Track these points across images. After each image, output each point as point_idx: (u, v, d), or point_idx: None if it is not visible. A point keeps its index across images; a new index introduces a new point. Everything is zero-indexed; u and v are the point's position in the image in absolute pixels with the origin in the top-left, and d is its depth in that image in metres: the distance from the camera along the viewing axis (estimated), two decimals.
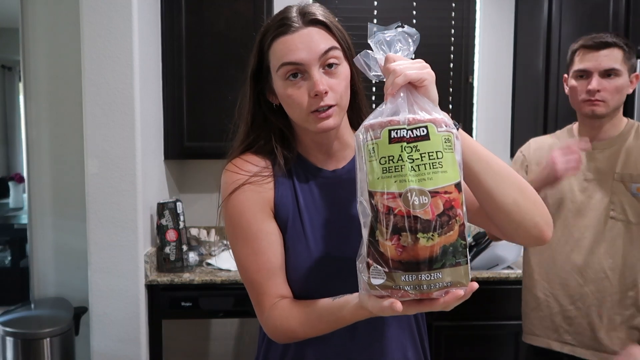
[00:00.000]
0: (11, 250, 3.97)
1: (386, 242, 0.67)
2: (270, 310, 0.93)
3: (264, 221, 0.95)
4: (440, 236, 0.66)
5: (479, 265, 2.33)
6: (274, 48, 0.91)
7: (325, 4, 2.68)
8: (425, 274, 0.66)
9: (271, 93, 0.97)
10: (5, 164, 5.61)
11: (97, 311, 2.03)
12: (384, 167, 0.68)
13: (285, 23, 0.90)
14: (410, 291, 0.67)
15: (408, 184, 0.66)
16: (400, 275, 0.67)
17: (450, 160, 0.69)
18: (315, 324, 0.88)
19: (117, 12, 1.95)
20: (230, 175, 0.96)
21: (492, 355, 2.21)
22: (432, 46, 2.76)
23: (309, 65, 0.88)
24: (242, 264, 0.96)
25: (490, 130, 2.79)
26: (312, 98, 0.88)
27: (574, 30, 2.42)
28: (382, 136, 0.68)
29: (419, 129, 0.68)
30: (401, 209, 0.66)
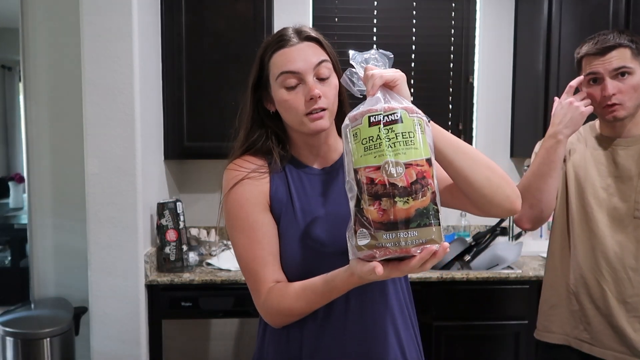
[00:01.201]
0: (11, 250, 3.97)
1: (369, 207, 0.80)
2: (267, 294, 1.02)
3: (260, 213, 1.06)
4: (415, 200, 0.79)
5: (479, 265, 2.33)
6: (274, 60, 1.05)
7: (325, 4, 2.69)
8: (403, 232, 0.78)
9: (268, 101, 1.10)
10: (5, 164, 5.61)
11: (97, 311, 2.03)
12: (365, 146, 0.81)
13: (283, 39, 1.04)
14: (390, 247, 0.79)
15: (385, 157, 0.80)
16: (382, 234, 0.79)
17: (421, 140, 0.83)
18: (310, 297, 0.99)
19: (117, 12, 1.95)
20: (230, 173, 1.08)
21: (492, 355, 2.21)
22: (432, 46, 2.76)
23: (305, 74, 1.02)
24: (240, 252, 1.06)
25: (490, 130, 2.79)
26: (307, 102, 1.02)
27: (574, 30, 2.42)
28: (363, 122, 0.83)
29: (394, 114, 0.82)
30: (381, 178, 0.79)
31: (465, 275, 2.16)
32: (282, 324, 1.06)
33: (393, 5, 2.73)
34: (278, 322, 1.06)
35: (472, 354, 2.20)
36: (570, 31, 2.42)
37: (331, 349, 1.05)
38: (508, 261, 2.29)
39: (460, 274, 2.17)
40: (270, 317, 1.05)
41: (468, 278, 2.16)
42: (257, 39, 2.29)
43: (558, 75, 2.43)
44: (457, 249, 2.34)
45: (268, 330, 1.12)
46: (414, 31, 2.75)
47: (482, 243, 2.34)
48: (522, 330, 2.20)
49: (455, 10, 2.75)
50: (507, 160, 2.81)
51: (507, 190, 1.00)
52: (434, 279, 2.15)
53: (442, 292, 2.17)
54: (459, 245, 2.36)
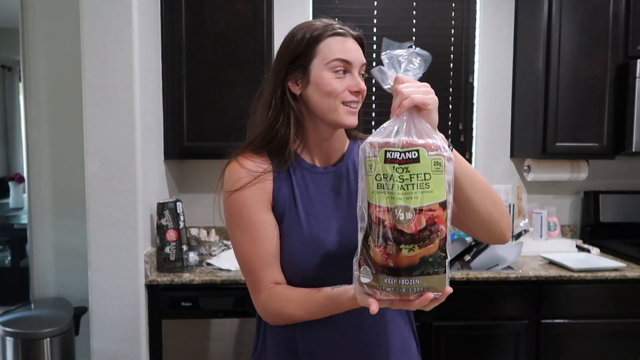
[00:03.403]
0: (11, 250, 3.97)
1: (375, 248, 0.77)
2: (268, 294, 1.03)
3: (262, 213, 1.06)
4: (421, 248, 0.76)
5: (479, 265, 2.33)
6: (329, 43, 1.04)
7: (325, 4, 2.69)
8: (404, 279, 0.77)
9: (296, 83, 1.06)
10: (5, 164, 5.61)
11: (97, 311, 2.03)
12: (379, 183, 0.78)
13: (342, 29, 1.05)
14: (390, 292, 0.78)
15: (396, 202, 0.76)
16: (384, 278, 0.78)
17: (437, 181, 0.78)
18: (313, 309, 1.00)
19: (117, 12, 1.95)
20: (236, 172, 1.06)
21: (492, 355, 2.21)
22: (432, 46, 2.76)
23: (355, 67, 1.04)
24: (241, 251, 1.06)
25: (490, 130, 2.79)
26: (350, 92, 1.03)
27: (574, 30, 2.42)
28: (379, 155, 0.78)
29: (411, 152, 0.77)
30: (389, 221, 0.76)
31: (465, 275, 2.16)
32: (280, 324, 1.07)
33: (393, 6, 2.73)
34: (276, 323, 1.07)
35: (472, 354, 2.20)
36: (570, 31, 2.42)
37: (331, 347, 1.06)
38: (508, 261, 2.29)
39: (460, 274, 2.17)
40: (269, 318, 1.06)
41: (468, 278, 2.16)
42: (257, 39, 2.29)
43: (558, 75, 2.43)
44: (457, 249, 2.34)
45: (268, 328, 1.12)
46: (414, 31, 2.75)
47: (482, 243, 2.34)
48: (522, 330, 2.20)
49: (455, 10, 2.75)
50: (507, 160, 2.81)
51: (502, 224, 1.02)
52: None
53: None
54: (459, 245, 2.36)
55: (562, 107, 2.44)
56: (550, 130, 2.45)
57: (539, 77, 2.48)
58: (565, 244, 2.62)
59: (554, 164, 2.66)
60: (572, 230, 2.84)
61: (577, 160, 2.66)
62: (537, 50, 2.49)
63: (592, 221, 2.72)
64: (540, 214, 2.66)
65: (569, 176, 2.68)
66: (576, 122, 2.45)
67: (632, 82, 2.37)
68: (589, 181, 2.79)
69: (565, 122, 2.45)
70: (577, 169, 2.66)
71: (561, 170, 2.67)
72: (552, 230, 2.69)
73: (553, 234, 2.69)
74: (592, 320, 2.22)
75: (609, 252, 2.53)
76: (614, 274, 2.20)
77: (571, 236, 2.83)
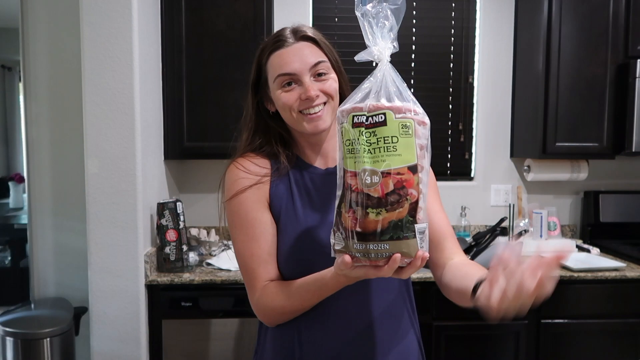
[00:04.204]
0: (11, 250, 3.97)
1: (345, 213, 0.78)
2: (261, 292, 1.04)
3: (259, 210, 1.06)
4: (389, 212, 0.74)
5: None
6: (271, 61, 1.05)
7: (325, 4, 2.69)
8: (373, 244, 0.75)
9: (268, 101, 1.10)
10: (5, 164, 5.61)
11: (97, 311, 2.03)
12: (348, 148, 0.78)
13: (280, 39, 1.04)
14: (360, 257, 0.77)
15: (363, 165, 0.76)
16: (353, 243, 0.77)
17: (406, 145, 0.76)
18: (303, 295, 0.99)
19: (117, 12, 1.95)
20: (237, 173, 1.08)
21: (492, 355, 2.21)
22: (432, 46, 2.76)
23: (301, 74, 1.02)
24: (238, 249, 1.07)
25: (490, 130, 2.79)
26: (302, 101, 1.02)
27: (574, 30, 2.42)
28: (348, 121, 0.78)
29: (378, 116, 0.76)
30: (357, 186, 0.76)
31: None
32: (276, 322, 1.07)
33: None
34: (271, 320, 1.07)
35: (472, 354, 2.20)
36: (570, 31, 2.42)
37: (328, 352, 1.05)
38: None
39: None
40: (264, 315, 1.06)
41: None
42: (257, 39, 2.29)
43: (558, 75, 2.43)
44: None
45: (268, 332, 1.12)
46: (414, 31, 2.75)
47: (482, 243, 2.34)
48: (522, 330, 2.20)
49: (455, 10, 2.75)
50: (507, 160, 2.81)
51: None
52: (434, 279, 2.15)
53: None
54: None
55: (562, 107, 2.44)
56: (550, 130, 2.45)
57: (539, 77, 2.48)
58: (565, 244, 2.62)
59: (554, 164, 2.66)
60: (572, 230, 2.84)
61: (577, 160, 2.66)
62: (537, 50, 2.49)
63: (592, 221, 2.72)
64: (540, 214, 2.66)
65: (569, 176, 2.68)
66: (576, 122, 2.45)
67: (632, 82, 2.37)
68: (589, 181, 2.79)
69: (565, 122, 2.45)
70: (577, 169, 2.66)
71: (561, 170, 2.67)
72: (552, 230, 2.69)
73: (553, 234, 2.69)
74: (592, 320, 2.22)
75: (609, 252, 2.53)
76: (614, 274, 2.20)
77: (571, 236, 2.83)
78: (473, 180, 2.82)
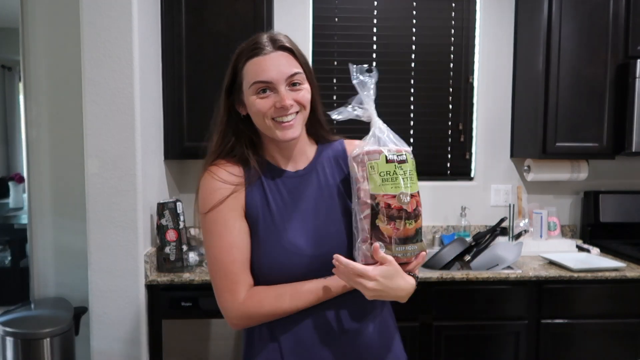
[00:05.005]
0: (11, 250, 3.97)
1: (386, 226, 1.01)
2: (248, 295, 1.07)
3: (237, 219, 1.09)
4: (415, 222, 1.04)
5: (479, 265, 2.33)
6: (248, 67, 1.08)
7: (325, 4, 2.69)
8: (409, 246, 1.04)
9: (240, 105, 1.13)
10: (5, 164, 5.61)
11: (97, 311, 2.03)
12: (383, 178, 1.03)
13: (258, 47, 1.07)
14: (400, 256, 1.03)
15: (401, 189, 1.02)
16: (395, 246, 1.02)
17: (416, 176, 1.07)
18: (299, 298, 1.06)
19: (117, 12, 1.95)
20: (214, 183, 1.10)
21: (492, 355, 2.21)
22: (432, 46, 2.76)
23: (277, 83, 1.06)
24: (216, 255, 1.09)
25: (490, 130, 2.79)
26: (276, 109, 1.06)
27: (574, 30, 2.42)
28: (381, 158, 1.03)
29: (402, 155, 1.05)
30: (396, 204, 1.02)
31: (465, 275, 2.16)
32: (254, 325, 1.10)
33: (393, 5, 2.73)
34: (252, 323, 1.10)
35: (472, 354, 2.20)
36: (570, 31, 2.42)
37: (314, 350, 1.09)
38: (508, 261, 2.29)
39: (460, 274, 2.17)
40: (248, 318, 1.08)
41: (468, 278, 2.16)
42: None
43: (558, 75, 2.43)
44: (457, 249, 2.34)
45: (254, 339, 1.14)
46: (414, 31, 2.75)
47: (482, 243, 2.34)
48: (522, 330, 2.20)
49: (455, 10, 2.75)
50: (507, 160, 2.81)
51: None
52: (434, 279, 2.15)
53: (442, 292, 2.17)
54: (459, 245, 2.36)
55: (562, 107, 2.44)
56: (550, 130, 2.45)
57: (539, 77, 2.48)
58: (565, 244, 2.62)
59: (554, 164, 2.66)
60: (572, 230, 2.84)
61: (577, 160, 2.66)
62: (537, 50, 2.49)
63: (592, 221, 2.72)
64: (540, 214, 2.66)
65: (569, 176, 2.68)
66: (576, 122, 2.45)
67: (632, 82, 2.37)
68: (589, 181, 2.79)
69: (565, 122, 2.45)
70: (577, 169, 2.66)
71: (561, 170, 2.67)
72: (552, 230, 2.69)
73: (553, 234, 2.69)
74: (592, 320, 2.22)
75: (609, 252, 2.53)
76: (614, 274, 2.20)
77: (571, 236, 2.83)
78: (473, 180, 2.82)
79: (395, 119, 2.77)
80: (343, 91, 2.71)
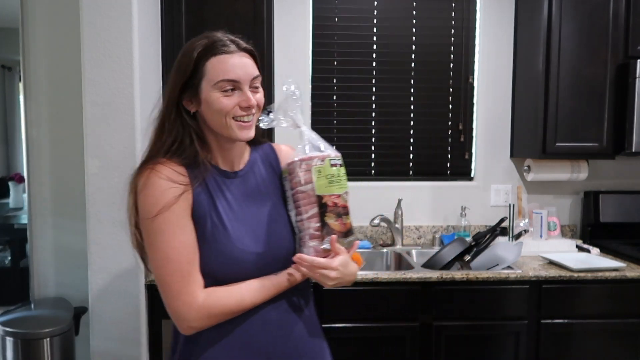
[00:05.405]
0: (11, 250, 3.97)
1: (335, 222, 1.13)
2: (206, 294, 1.08)
3: (188, 218, 1.09)
4: (349, 217, 1.17)
5: (479, 265, 2.33)
6: (213, 64, 1.08)
7: (325, 4, 2.69)
8: (351, 237, 1.18)
9: (190, 101, 1.11)
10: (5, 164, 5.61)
11: (97, 311, 2.03)
12: (330, 180, 1.13)
13: (224, 44, 1.09)
14: (346, 247, 1.17)
15: (345, 189, 1.16)
16: (343, 239, 1.16)
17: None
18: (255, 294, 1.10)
19: (117, 12, 1.95)
20: (162, 183, 1.06)
21: (492, 355, 2.21)
22: (432, 46, 2.76)
23: (243, 83, 1.09)
24: (172, 256, 1.06)
25: (490, 130, 2.79)
26: (241, 108, 1.09)
27: (574, 30, 2.42)
28: (326, 163, 1.14)
29: (340, 160, 1.17)
30: (342, 202, 1.15)
31: (465, 275, 2.16)
32: (208, 326, 1.10)
33: (393, 5, 2.73)
34: (212, 323, 1.09)
35: (472, 354, 2.20)
36: (570, 31, 2.42)
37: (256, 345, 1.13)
38: (508, 261, 2.29)
39: (460, 274, 2.17)
40: (207, 317, 1.08)
41: (468, 278, 2.16)
42: (257, 39, 2.29)
43: (558, 75, 2.43)
44: (457, 249, 2.34)
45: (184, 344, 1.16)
46: (414, 31, 2.75)
47: (482, 243, 2.34)
48: (522, 330, 2.20)
49: (455, 10, 2.75)
50: (507, 160, 2.81)
51: None
52: (434, 279, 2.15)
53: (442, 292, 2.17)
54: (459, 245, 2.36)
55: (562, 107, 2.44)
56: (550, 130, 2.45)
57: (539, 77, 2.48)
58: (565, 244, 2.62)
59: (554, 164, 2.66)
60: (572, 230, 2.84)
61: (577, 160, 2.66)
62: (537, 50, 2.49)
63: (592, 221, 2.72)
64: (540, 214, 2.66)
65: (569, 176, 2.68)
66: (576, 122, 2.45)
67: (632, 82, 2.37)
68: (589, 181, 2.79)
69: (565, 122, 2.45)
70: (577, 169, 2.66)
71: (561, 170, 2.67)
72: (552, 230, 2.69)
73: (553, 234, 2.69)
74: (592, 320, 2.22)
75: (609, 252, 2.53)
76: (614, 274, 2.20)
77: (571, 236, 2.83)
78: (473, 180, 2.82)
79: (395, 119, 2.77)
80: (343, 91, 2.71)
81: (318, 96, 2.72)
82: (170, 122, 1.10)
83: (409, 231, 2.76)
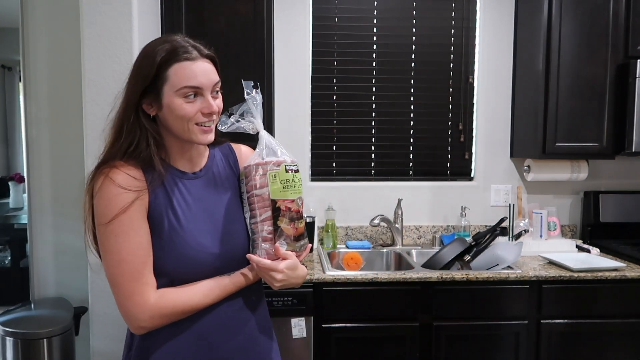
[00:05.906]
0: (11, 250, 3.97)
1: (287, 226, 1.17)
2: (158, 295, 1.09)
3: (143, 220, 1.10)
4: (302, 222, 1.21)
5: (479, 265, 2.33)
6: (176, 70, 1.09)
7: (325, 4, 2.69)
8: (302, 241, 1.22)
9: (151, 104, 1.12)
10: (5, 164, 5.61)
11: (97, 311, 2.02)
12: (284, 185, 1.16)
13: (186, 51, 1.10)
14: (298, 251, 1.21)
15: (299, 194, 1.19)
16: (295, 243, 1.19)
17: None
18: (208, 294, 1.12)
19: (117, 12, 1.95)
20: (113, 189, 1.07)
21: (492, 355, 2.21)
22: (432, 46, 2.76)
23: (205, 89, 1.11)
24: (126, 258, 1.07)
25: (490, 130, 2.79)
26: (204, 114, 1.11)
27: (574, 30, 2.42)
28: (281, 168, 1.17)
29: (295, 165, 1.20)
30: (295, 207, 1.18)
31: (465, 275, 2.16)
32: (160, 326, 1.11)
33: (393, 5, 2.73)
34: (164, 323, 1.11)
35: (472, 354, 2.20)
36: (570, 31, 2.42)
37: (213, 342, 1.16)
38: (508, 261, 2.29)
39: (460, 274, 2.17)
40: (159, 318, 1.09)
41: (468, 278, 2.16)
42: (257, 39, 2.29)
43: (558, 75, 2.43)
44: (457, 249, 2.34)
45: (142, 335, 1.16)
46: (414, 31, 2.75)
47: (482, 243, 2.34)
48: (522, 330, 2.20)
49: (455, 10, 2.76)
50: (507, 160, 2.81)
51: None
52: (434, 279, 2.15)
53: (442, 292, 2.17)
54: (458, 245, 2.36)
55: (562, 107, 2.44)
56: (550, 130, 2.45)
57: (539, 77, 2.48)
58: (565, 244, 2.62)
59: (554, 164, 2.66)
60: (572, 230, 2.84)
61: (577, 160, 2.66)
62: (537, 50, 2.49)
63: (592, 221, 2.72)
64: (540, 214, 2.66)
65: (569, 176, 2.68)
66: (576, 122, 2.45)
67: (632, 82, 2.37)
68: (589, 181, 2.79)
69: (565, 122, 2.45)
70: (577, 169, 2.66)
71: (561, 170, 2.67)
72: (552, 230, 2.69)
73: (553, 234, 2.69)
74: (592, 320, 2.22)
75: (609, 252, 2.53)
76: (614, 274, 2.20)
77: (571, 236, 2.83)
78: (473, 180, 2.82)
79: (395, 118, 2.77)
80: (343, 91, 2.71)
81: (318, 96, 2.72)
82: (129, 124, 1.11)
83: (409, 231, 2.76)
